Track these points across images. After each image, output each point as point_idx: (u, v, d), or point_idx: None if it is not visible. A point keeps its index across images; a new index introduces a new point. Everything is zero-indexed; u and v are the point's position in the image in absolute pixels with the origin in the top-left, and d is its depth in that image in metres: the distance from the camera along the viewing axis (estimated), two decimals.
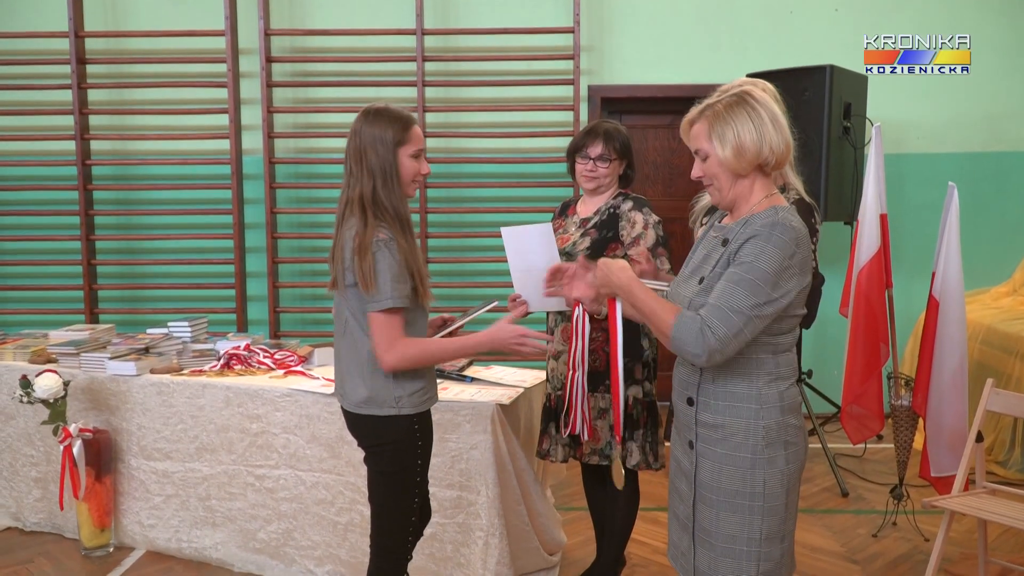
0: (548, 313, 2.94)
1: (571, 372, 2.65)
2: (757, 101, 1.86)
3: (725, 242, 1.90)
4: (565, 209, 2.98)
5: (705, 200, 2.61)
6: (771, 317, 1.81)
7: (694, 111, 1.93)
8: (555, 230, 2.78)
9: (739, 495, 1.87)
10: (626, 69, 5.39)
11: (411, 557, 2.33)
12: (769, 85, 2.40)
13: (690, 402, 1.95)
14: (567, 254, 2.73)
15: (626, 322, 2.81)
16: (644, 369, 2.82)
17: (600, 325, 2.77)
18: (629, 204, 2.79)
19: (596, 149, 2.78)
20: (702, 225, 2.58)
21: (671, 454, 2.09)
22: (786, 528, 1.91)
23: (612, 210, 2.79)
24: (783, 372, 1.89)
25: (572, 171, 2.89)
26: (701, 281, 1.92)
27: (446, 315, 2.47)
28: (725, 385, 1.89)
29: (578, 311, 2.65)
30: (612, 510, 2.96)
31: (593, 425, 2.76)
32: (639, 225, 2.74)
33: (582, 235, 2.81)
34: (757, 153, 1.85)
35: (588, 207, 2.88)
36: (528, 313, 2.71)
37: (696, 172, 1.94)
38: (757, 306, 1.78)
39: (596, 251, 2.74)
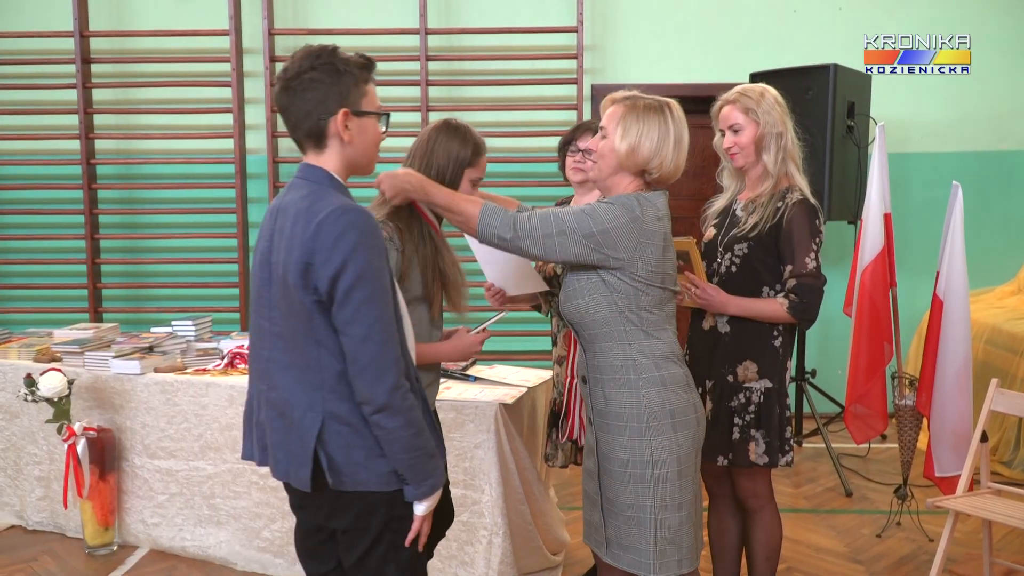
0: (552, 318, 2.93)
1: (569, 378, 2.65)
2: (673, 118, 1.98)
3: None
4: None
5: (718, 204, 2.62)
6: (585, 254, 1.91)
7: (620, 94, 2.03)
8: None
9: (631, 464, 1.96)
10: (629, 68, 5.38)
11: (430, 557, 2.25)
12: (777, 93, 2.45)
13: (584, 380, 2.06)
14: None
15: None
16: None
17: None
18: None
19: (585, 141, 2.74)
20: (712, 227, 2.59)
21: (585, 436, 2.19)
22: (682, 497, 1.99)
23: None
24: (658, 349, 1.98)
25: (562, 167, 2.86)
26: None
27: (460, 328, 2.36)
28: (606, 359, 1.98)
29: None
30: None
31: None
32: None
33: None
34: (647, 160, 1.96)
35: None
36: (507, 300, 2.65)
37: (591, 144, 2.06)
38: (575, 232, 1.90)
39: None
